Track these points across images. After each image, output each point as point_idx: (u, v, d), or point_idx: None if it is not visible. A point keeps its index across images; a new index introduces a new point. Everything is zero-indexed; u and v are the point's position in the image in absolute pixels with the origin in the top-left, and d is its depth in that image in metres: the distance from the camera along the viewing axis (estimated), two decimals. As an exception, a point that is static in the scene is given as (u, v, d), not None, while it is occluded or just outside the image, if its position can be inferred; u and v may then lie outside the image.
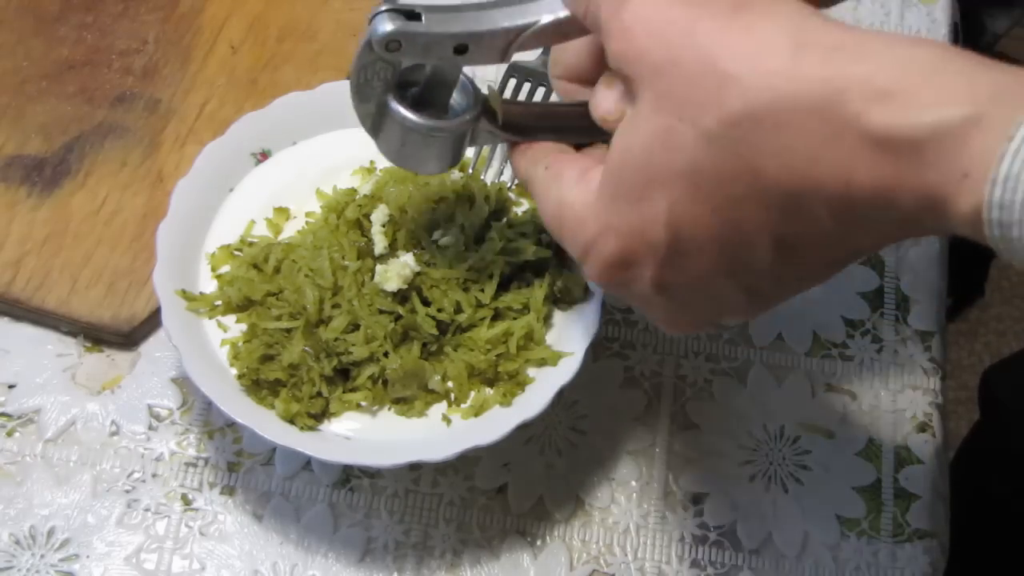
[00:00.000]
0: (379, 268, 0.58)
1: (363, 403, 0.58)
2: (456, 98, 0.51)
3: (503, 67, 0.70)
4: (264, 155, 0.65)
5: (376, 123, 0.50)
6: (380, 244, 0.59)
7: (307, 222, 0.63)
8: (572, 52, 0.49)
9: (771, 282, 0.42)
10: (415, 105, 0.49)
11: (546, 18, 0.46)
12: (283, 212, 0.63)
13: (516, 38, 0.47)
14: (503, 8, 0.47)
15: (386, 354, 0.58)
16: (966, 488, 0.92)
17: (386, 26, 0.46)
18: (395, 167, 0.63)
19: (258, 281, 0.60)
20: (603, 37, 0.42)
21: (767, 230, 0.39)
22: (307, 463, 0.62)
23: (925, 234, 0.36)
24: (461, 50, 0.47)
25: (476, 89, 0.51)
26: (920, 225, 0.36)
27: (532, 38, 0.47)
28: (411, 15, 0.46)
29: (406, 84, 0.50)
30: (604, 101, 0.43)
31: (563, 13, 0.46)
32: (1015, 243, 0.33)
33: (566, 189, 0.46)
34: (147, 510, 0.61)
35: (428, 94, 0.50)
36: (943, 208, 0.34)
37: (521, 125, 0.51)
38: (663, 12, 0.39)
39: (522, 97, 0.66)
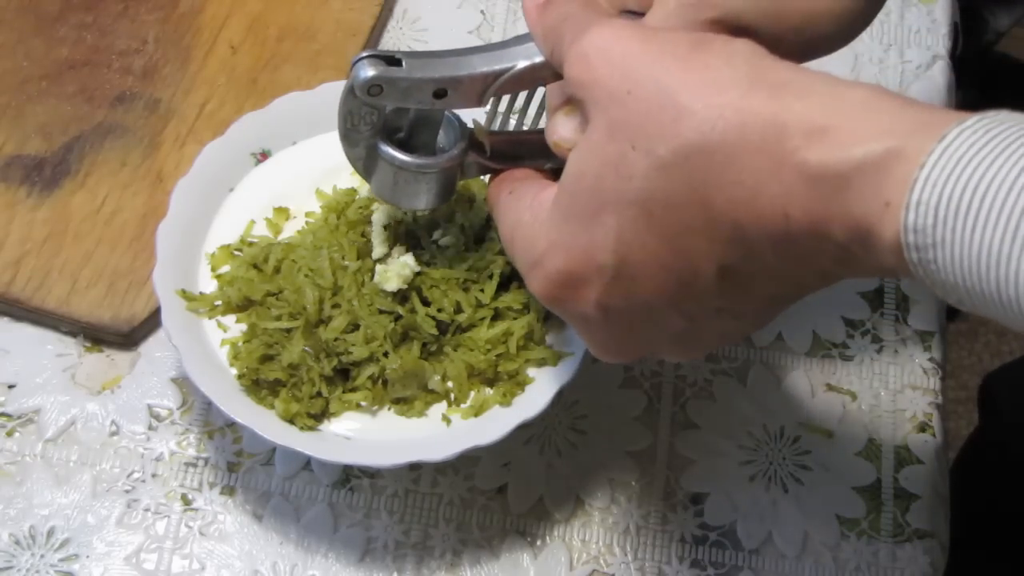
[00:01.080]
0: (379, 268, 0.58)
1: (363, 403, 0.58)
2: (443, 135, 0.53)
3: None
4: (264, 155, 0.65)
5: (367, 166, 0.52)
6: (380, 244, 0.59)
7: (307, 222, 0.63)
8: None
9: (711, 317, 0.43)
10: (404, 145, 0.51)
11: (522, 63, 0.48)
12: (283, 212, 0.63)
13: (493, 82, 0.49)
14: (481, 54, 0.49)
15: (386, 354, 0.58)
16: (966, 491, 0.92)
17: (367, 72, 0.48)
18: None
19: (258, 281, 0.60)
20: (564, 64, 0.44)
21: (714, 260, 0.40)
22: (307, 463, 0.62)
23: (863, 270, 0.38)
24: (440, 94, 0.49)
25: (462, 124, 0.52)
26: (855, 259, 0.37)
27: (509, 83, 0.49)
28: (392, 61, 0.48)
29: (393, 127, 0.52)
30: (560, 128, 0.45)
31: (538, 59, 0.48)
32: (931, 266, 0.34)
33: (522, 209, 0.47)
34: (147, 510, 0.61)
35: (416, 134, 0.52)
36: (870, 239, 0.36)
37: (509, 153, 0.52)
38: (622, 44, 0.41)
39: (521, 99, 0.66)
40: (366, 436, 0.58)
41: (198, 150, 0.63)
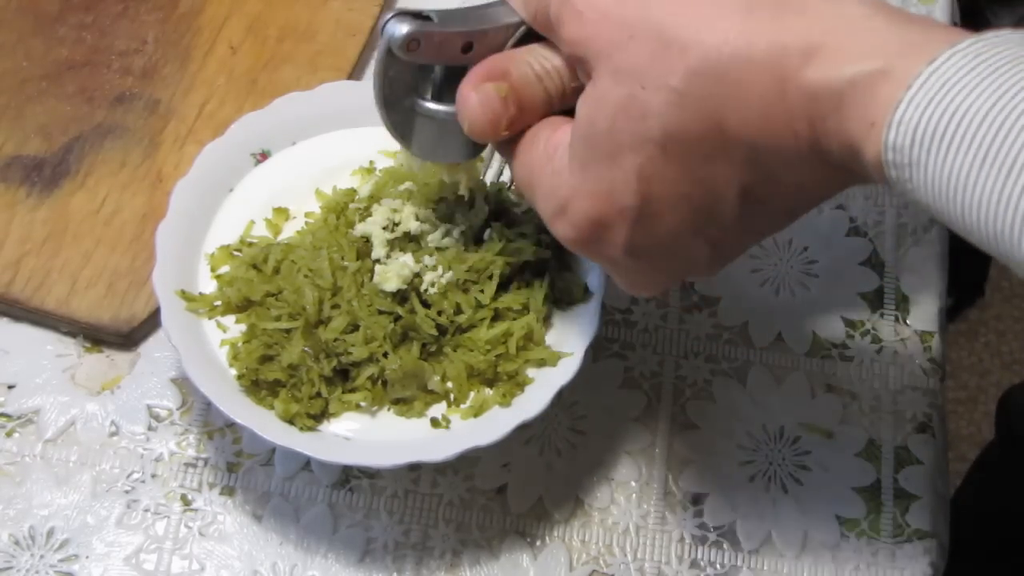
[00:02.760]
0: (378, 268, 0.58)
1: (363, 403, 0.58)
2: None
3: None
4: (264, 155, 0.65)
5: (405, 128, 0.53)
6: (379, 245, 0.59)
7: (307, 222, 0.63)
8: None
9: (736, 235, 0.44)
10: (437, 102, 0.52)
11: None
12: (283, 212, 0.63)
13: (514, 33, 0.49)
14: (503, 6, 0.50)
15: (385, 354, 0.58)
16: (979, 505, 0.92)
17: (403, 28, 0.49)
18: (395, 168, 0.63)
19: (257, 281, 0.60)
20: (555, 27, 0.44)
21: (734, 184, 0.41)
22: (307, 463, 0.62)
23: (860, 182, 0.39)
24: (467, 48, 0.49)
25: None
26: (851, 173, 0.39)
27: (528, 34, 0.49)
28: (421, 16, 0.49)
29: (422, 88, 0.52)
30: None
31: None
32: (907, 185, 0.36)
33: (536, 152, 0.48)
34: (147, 510, 0.61)
35: (443, 93, 0.52)
36: (859, 156, 0.37)
37: None
38: (603, 12, 0.42)
39: None
40: (366, 436, 0.58)
41: (198, 150, 0.63)
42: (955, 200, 0.34)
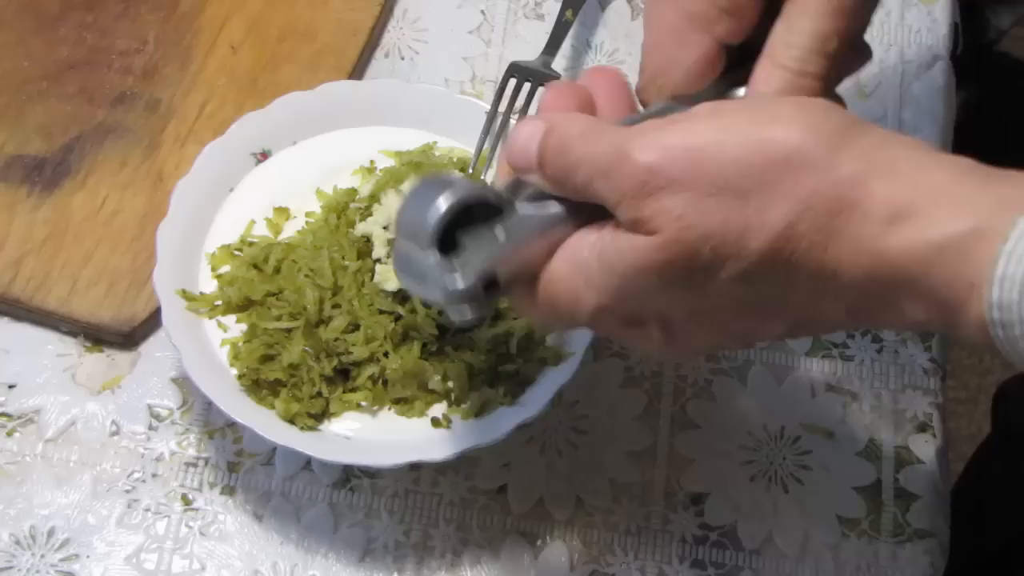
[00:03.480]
0: (379, 268, 0.58)
1: (363, 403, 0.58)
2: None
3: (504, 64, 0.70)
4: (264, 155, 0.65)
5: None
6: (380, 245, 0.59)
7: (307, 222, 0.63)
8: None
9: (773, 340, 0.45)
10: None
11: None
12: (283, 212, 0.63)
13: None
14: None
15: (386, 354, 0.58)
16: (974, 501, 0.92)
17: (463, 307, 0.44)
18: (395, 167, 0.63)
19: (258, 281, 0.60)
20: (608, 188, 0.41)
21: (781, 318, 0.41)
22: (307, 463, 0.62)
23: (943, 333, 0.39)
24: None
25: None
26: (930, 327, 0.38)
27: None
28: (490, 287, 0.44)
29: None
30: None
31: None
32: (1019, 344, 0.34)
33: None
34: (147, 510, 0.61)
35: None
36: (954, 317, 0.36)
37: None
38: (681, 137, 0.40)
39: (523, 96, 0.67)
40: (366, 436, 0.58)
41: (198, 150, 0.63)
42: None
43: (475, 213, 0.43)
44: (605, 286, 0.42)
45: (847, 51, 0.44)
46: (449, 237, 0.43)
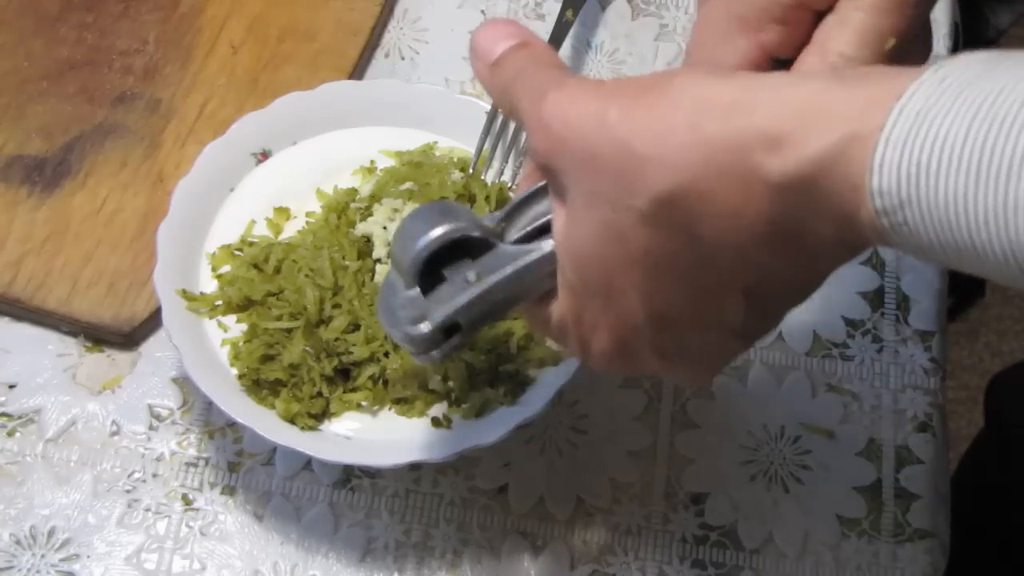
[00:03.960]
0: (380, 268, 0.58)
1: (363, 403, 0.58)
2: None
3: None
4: (264, 155, 0.65)
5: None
6: (380, 245, 0.59)
7: (307, 222, 0.63)
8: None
9: (759, 321, 0.43)
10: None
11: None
12: (283, 212, 0.63)
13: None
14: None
15: (386, 354, 0.58)
16: (969, 491, 0.92)
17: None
18: (395, 167, 0.63)
19: (258, 281, 0.60)
20: (526, 130, 0.43)
21: (731, 285, 0.40)
22: (307, 463, 0.62)
23: (865, 247, 0.38)
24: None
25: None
26: (850, 245, 0.37)
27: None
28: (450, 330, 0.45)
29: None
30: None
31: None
32: (904, 228, 0.34)
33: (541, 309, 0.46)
34: (147, 510, 0.61)
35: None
36: (854, 226, 0.35)
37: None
38: (578, 105, 0.40)
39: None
40: (367, 436, 0.58)
41: (199, 150, 0.63)
42: (958, 225, 0.32)
43: (465, 246, 0.44)
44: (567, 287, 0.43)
45: (904, 48, 0.44)
46: (436, 270, 0.44)
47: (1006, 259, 0.32)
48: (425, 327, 0.44)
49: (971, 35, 0.79)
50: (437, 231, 0.43)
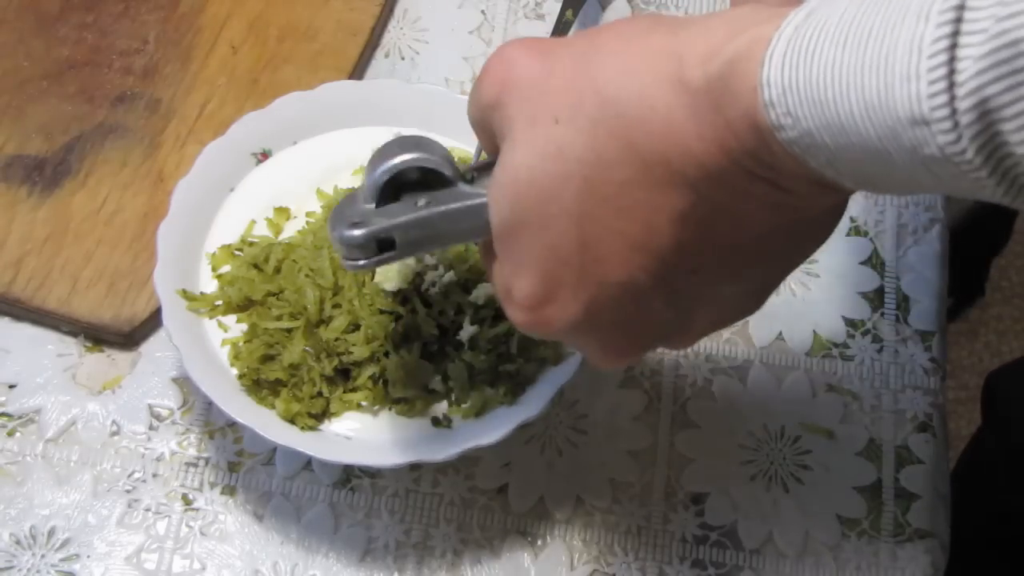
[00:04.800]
0: (380, 268, 0.58)
1: (364, 403, 0.58)
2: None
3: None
4: (264, 155, 0.65)
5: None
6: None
7: (307, 222, 0.63)
8: None
9: (691, 287, 0.42)
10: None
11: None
12: (283, 212, 0.63)
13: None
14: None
15: (387, 354, 0.58)
16: (968, 490, 0.92)
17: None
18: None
19: (258, 281, 0.60)
20: (478, 82, 0.44)
21: (662, 210, 0.39)
22: (308, 463, 0.62)
23: (789, 189, 0.38)
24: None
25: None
26: (768, 166, 0.37)
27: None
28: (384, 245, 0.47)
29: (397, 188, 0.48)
30: None
31: None
32: (788, 120, 0.34)
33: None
34: (148, 510, 0.61)
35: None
36: (760, 132, 0.36)
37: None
38: (526, 45, 0.42)
39: None
40: (367, 436, 0.58)
41: (199, 150, 0.63)
42: (828, 98, 0.33)
43: (433, 179, 0.46)
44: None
45: None
46: (399, 195, 0.47)
47: (864, 125, 0.33)
48: (359, 232, 0.46)
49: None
50: (404, 156, 0.46)
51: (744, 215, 0.40)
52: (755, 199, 0.39)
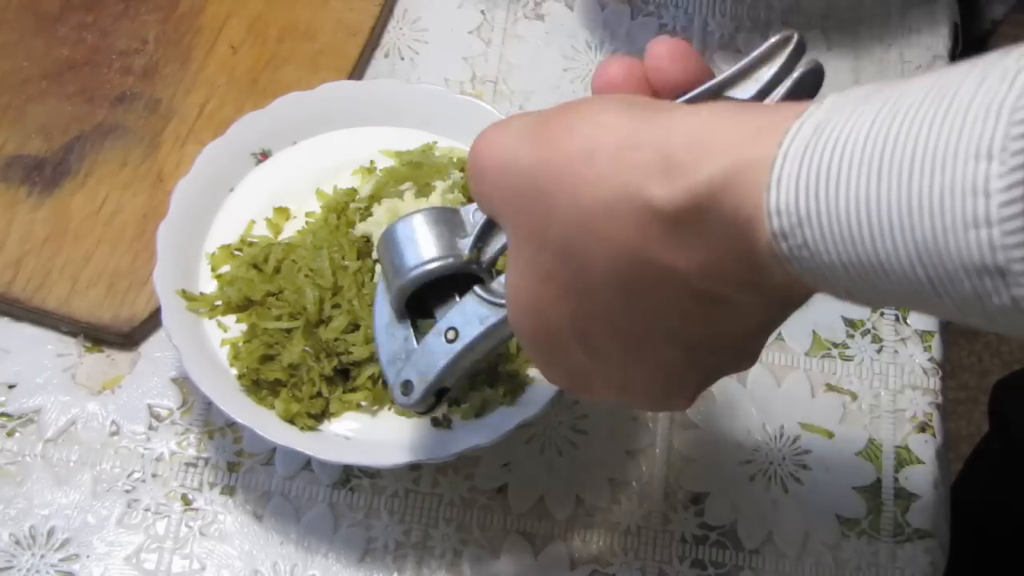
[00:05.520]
0: (379, 268, 0.58)
1: (363, 403, 0.58)
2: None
3: (504, 64, 0.70)
4: (264, 155, 0.65)
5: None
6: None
7: (307, 222, 0.63)
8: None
9: (695, 374, 0.42)
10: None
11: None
12: (283, 212, 0.63)
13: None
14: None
15: (386, 354, 0.58)
16: (973, 496, 0.92)
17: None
18: (395, 167, 0.63)
19: (258, 281, 0.60)
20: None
21: (652, 329, 0.39)
22: (307, 463, 0.62)
23: (774, 291, 0.36)
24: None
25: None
26: (756, 286, 0.35)
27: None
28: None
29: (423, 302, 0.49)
30: None
31: None
32: (803, 252, 0.31)
33: None
34: (147, 510, 0.61)
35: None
36: (757, 259, 0.33)
37: None
38: (496, 147, 0.40)
39: None
40: (366, 436, 0.58)
41: (198, 150, 0.63)
42: (861, 236, 0.30)
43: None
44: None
45: None
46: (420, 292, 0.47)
47: (913, 269, 0.29)
48: (414, 399, 0.47)
49: (966, 29, 0.79)
50: (417, 272, 0.45)
51: (727, 325, 0.39)
52: (735, 314, 0.38)
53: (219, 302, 0.60)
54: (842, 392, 0.66)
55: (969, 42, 0.79)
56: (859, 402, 0.66)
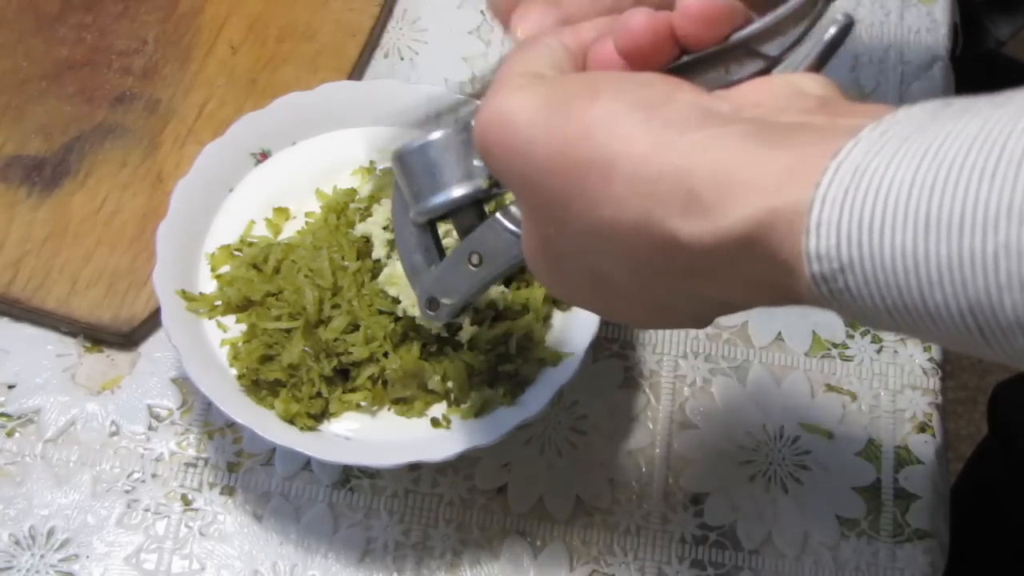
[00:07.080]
0: (385, 272, 0.58)
1: (363, 403, 0.58)
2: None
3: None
4: (264, 155, 0.65)
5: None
6: (380, 245, 0.59)
7: (307, 222, 0.63)
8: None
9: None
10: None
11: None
12: (283, 212, 0.63)
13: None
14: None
15: (386, 354, 0.58)
16: (972, 499, 0.92)
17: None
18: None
19: (258, 281, 0.60)
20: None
21: (669, 305, 0.39)
22: (307, 463, 0.62)
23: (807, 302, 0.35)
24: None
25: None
26: (781, 299, 0.35)
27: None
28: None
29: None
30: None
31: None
32: (845, 296, 0.31)
33: None
34: (147, 510, 0.61)
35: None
36: (792, 292, 0.33)
37: None
38: (510, 130, 0.38)
39: None
40: (366, 436, 0.58)
41: (198, 150, 0.63)
42: (908, 286, 0.29)
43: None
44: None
45: None
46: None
47: (963, 320, 0.29)
48: (443, 314, 0.49)
49: (971, 46, 0.79)
50: (440, 201, 0.46)
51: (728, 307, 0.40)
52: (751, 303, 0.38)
53: (219, 302, 0.60)
54: (842, 392, 0.66)
55: (976, 59, 0.79)
56: (859, 402, 0.66)
